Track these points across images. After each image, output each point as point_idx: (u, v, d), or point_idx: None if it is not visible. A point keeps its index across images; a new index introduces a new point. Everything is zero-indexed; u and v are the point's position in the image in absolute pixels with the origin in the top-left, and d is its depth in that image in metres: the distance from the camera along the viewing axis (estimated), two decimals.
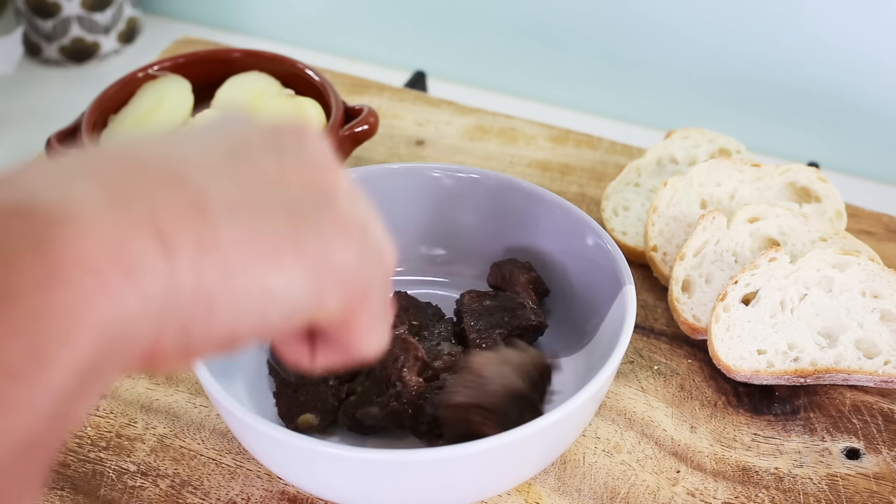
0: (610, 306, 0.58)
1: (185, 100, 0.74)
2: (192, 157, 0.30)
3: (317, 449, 0.48)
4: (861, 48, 0.86)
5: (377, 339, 0.36)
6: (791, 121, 0.91)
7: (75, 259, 0.25)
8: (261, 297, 0.30)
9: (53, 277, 0.25)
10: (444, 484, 0.50)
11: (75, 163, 0.29)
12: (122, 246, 0.27)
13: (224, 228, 0.29)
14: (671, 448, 0.58)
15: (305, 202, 0.32)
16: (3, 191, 0.26)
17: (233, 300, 0.29)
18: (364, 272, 0.33)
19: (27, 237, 0.25)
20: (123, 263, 0.26)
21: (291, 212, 0.31)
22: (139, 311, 0.27)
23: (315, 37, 1.04)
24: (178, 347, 0.29)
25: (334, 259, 0.32)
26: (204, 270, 0.28)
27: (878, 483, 0.57)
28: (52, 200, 0.26)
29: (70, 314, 0.25)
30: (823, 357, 0.61)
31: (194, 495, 0.56)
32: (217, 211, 0.29)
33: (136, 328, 0.27)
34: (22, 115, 0.93)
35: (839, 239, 0.67)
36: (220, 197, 0.29)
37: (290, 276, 0.30)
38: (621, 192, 0.73)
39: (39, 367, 0.25)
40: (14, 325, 0.24)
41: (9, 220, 0.25)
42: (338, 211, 0.32)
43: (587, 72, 0.97)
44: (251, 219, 0.30)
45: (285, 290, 0.31)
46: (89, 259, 0.26)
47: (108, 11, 0.98)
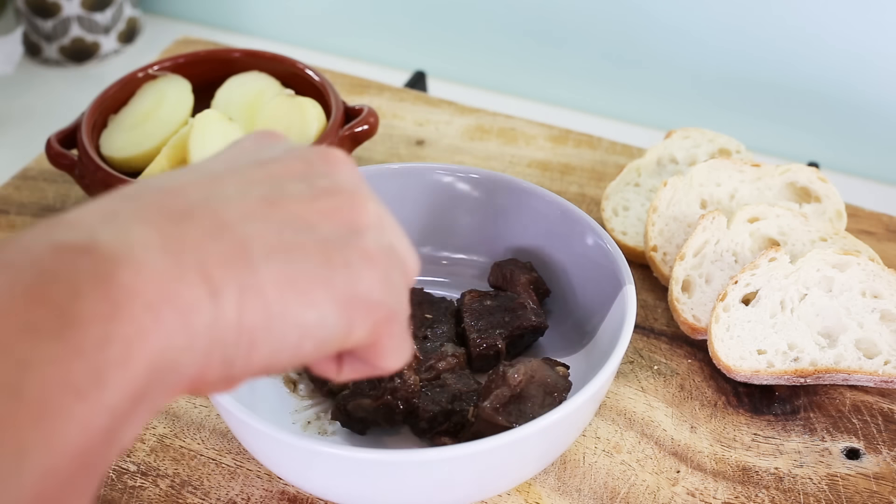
0: (610, 306, 0.58)
1: (185, 100, 0.74)
2: (232, 200, 0.34)
3: (317, 449, 0.48)
4: (861, 48, 0.86)
5: (401, 355, 0.39)
6: (791, 121, 0.91)
7: (134, 295, 0.29)
8: (297, 332, 0.33)
9: (115, 310, 0.28)
10: (444, 484, 0.50)
11: (128, 207, 0.32)
12: (174, 287, 0.30)
13: (264, 272, 0.33)
14: (671, 448, 0.58)
15: (335, 238, 0.35)
16: (68, 231, 0.30)
17: (272, 336, 0.33)
18: (389, 299, 0.36)
19: (92, 273, 0.29)
20: (175, 302, 0.30)
21: (323, 249, 0.35)
22: (187, 344, 0.30)
23: (315, 37, 1.04)
24: (221, 377, 0.33)
25: (362, 291, 0.35)
26: (246, 310, 0.32)
27: (878, 483, 0.57)
28: (112, 243, 0.30)
29: (128, 343, 0.28)
30: (823, 357, 0.61)
31: (194, 495, 0.56)
32: (257, 256, 0.33)
33: (183, 360, 0.30)
34: (22, 115, 0.93)
35: (839, 239, 0.67)
36: (259, 242, 0.33)
37: (323, 311, 0.34)
38: (621, 192, 0.73)
39: (99, 387, 0.28)
40: (80, 348, 0.27)
41: (75, 257, 0.29)
42: (365, 243, 0.36)
43: (587, 72, 0.97)
44: (289, 261, 0.33)
45: (319, 324, 0.34)
46: (146, 296, 0.29)
47: (108, 11, 0.98)
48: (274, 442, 0.49)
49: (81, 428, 0.27)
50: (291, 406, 0.60)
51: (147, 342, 0.29)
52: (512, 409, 0.54)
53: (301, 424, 0.59)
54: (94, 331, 0.28)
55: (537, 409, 0.54)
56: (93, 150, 0.69)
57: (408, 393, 0.56)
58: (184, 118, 0.73)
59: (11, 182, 0.79)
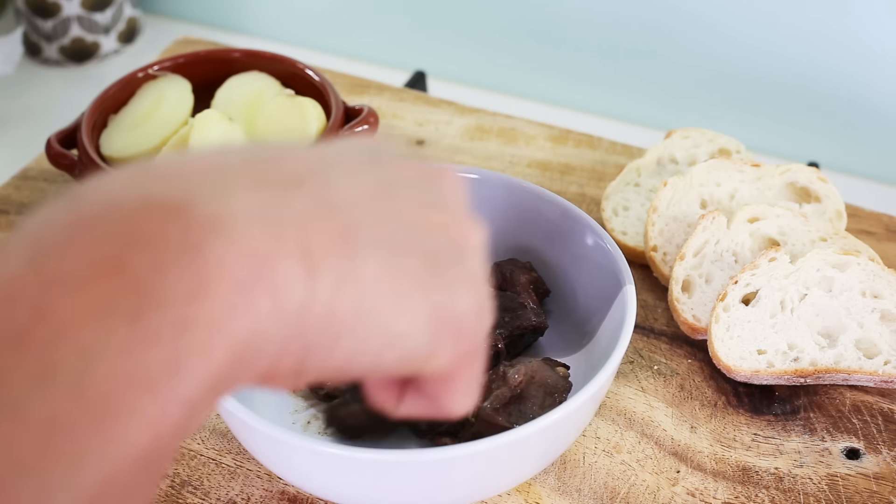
0: (610, 306, 0.58)
1: (185, 100, 0.74)
2: (346, 182, 0.31)
3: (317, 449, 0.48)
4: (861, 48, 0.86)
5: (471, 398, 0.36)
6: (791, 121, 0.91)
7: (224, 272, 0.26)
8: (384, 337, 0.31)
9: (200, 289, 0.25)
10: (444, 484, 0.50)
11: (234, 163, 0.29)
12: (270, 263, 0.27)
13: (367, 263, 0.30)
14: (671, 448, 0.58)
15: (443, 253, 0.33)
16: (164, 185, 0.27)
17: (358, 334, 0.30)
18: (479, 330, 0.34)
19: (181, 242, 0.26)
20: (269, 282, 0.27)
21: (429, 260, 0.32)
22: (274, 328, 0.27)
23: (315, 37, 1.04)
24: (294, 369, 0.30)
25: (458, 312, 0.33)
26: (340, 300, 0.29)
27: (878, 483, 0.57)
28: (208, 206, 0.27)
29: (210, 328, 0.26)
30: (823, 357, 0.61)
31: (194, 495, 0.56)
32: (363, 245, 0.30)
33: (267, 345, 0.28)
34: (22, 115, 0.93)
35: (839, 239, 0.67)
36: (367, 232, 0.30)
37: (416, 321, 0.31)
38: (621, 192, 0.73)
39: (174, 379, 0.25)
40: (156, 334, 0.25)
41: (165, 220, 0.26)
42: (469, 267, 0.33)
43: (587, 72, 0.97)
44: (393, 259, 0.31)
45: (408, 334, 0.31)
46: (237, 274, 0.26)
47: (108, 11, 0.98)
48: (274, 442, 0.49)
49: (149, 427, 0.24)
50: (291, 406, 0.60)
51: (231, 326, 0.26)
52: (512, 410, 0.54)
53: (301, 424, 0.59)
54: (174, 313, 0.25)
55: (537, 410, 0.54)
56: (93, 150, 0.69)
57: None
58: (184, 118, 0.73)
59: (11, 182, 0.79)
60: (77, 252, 0.25)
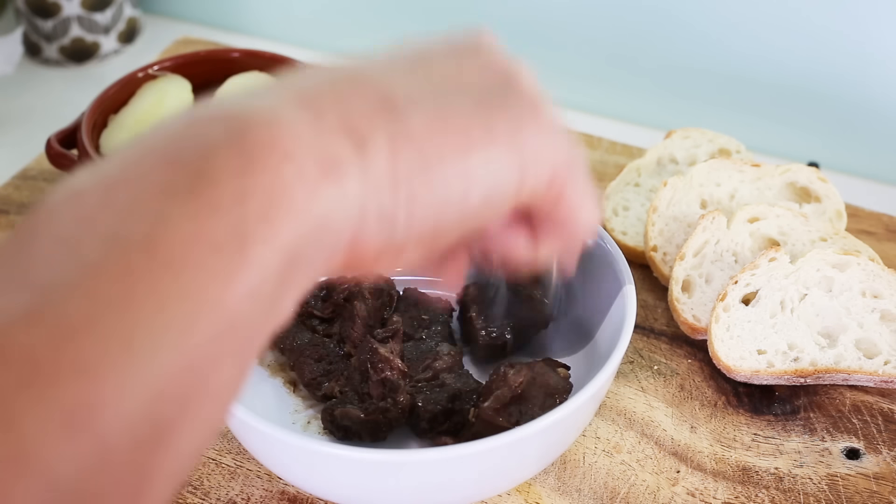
0: (610, 306, 0.58)
1: (185, 100, 0.74)
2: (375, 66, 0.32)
3: (317, 449, 0.48)
4: (861, 48, 0.86)
5: (592, 210, 0.36)
6: (791, 121, 0.91)
7: (272, 149, 0.27)
8: (459, 180, 0.30)
9: (251, 165, 0.26)
10: (444, 484, 0.50)
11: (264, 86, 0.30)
12: (317, 142, 0.28)
13: (413, 118, 0.30)
14: (671, 448, 0.58)
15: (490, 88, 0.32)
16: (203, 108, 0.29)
17: (431, 186, 0.30)
18: (562, 145, 0.33)
19: (225, 133, 0.27)
20: (319, 156, 0.27)
21: (477, 97, 0.32)
22: (338, 201, 0.28)
23: (315, 37, 1.04)
24: (382, 241, 0.30)
25: (528, 134, 0.32)
26: (399, 160, 0.29)
27: (878, 483, 0.57)
28: (246, 107, 0.28)
29: (270, 197, 0.26)
30: (823, 357, 0.61)
31: (194, 495, 0.56)
32: (404, 104, 0.30)
33: (336, 218, 0.28)
34: (22, 115, 0.93)
35: (839, 239, 0.67)
36: (404, 93, 0.30)
37: (487, 155, 0.31)
38: (621, 192, 0.73)
39: (242, 242, 0.26)
40: (215, 204, 0.25)
41: (207, 123, 0.27)
42: (524, 89, 0.33)
43: (587, 72, 0.97)
44: (438, 107, 0.30)
45: (483, 169, 0.31)
46: (286, 150, 0.27)
47: (108, 11, 0.98)
48: (274, 442, 0.49)
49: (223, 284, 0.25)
50: (291, 406, 0.60)
51: (290, 195, 0.27)
52: (512, 411, 0.54)
53: (301, 424, 0.59)
54: (229, 186, 0.26)
55: (537, 411, 0.54)
56: (93, 150, 0.69)
57: (398, 414, 0.56)
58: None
59: (11, 182, 0.79)
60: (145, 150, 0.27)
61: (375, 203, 0.29)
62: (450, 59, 0.33)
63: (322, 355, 0.60)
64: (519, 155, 0.32)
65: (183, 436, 0.25)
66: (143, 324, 0.24)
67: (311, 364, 0.59)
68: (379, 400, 0.56)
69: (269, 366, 0.61)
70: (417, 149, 0.30)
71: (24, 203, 0.77)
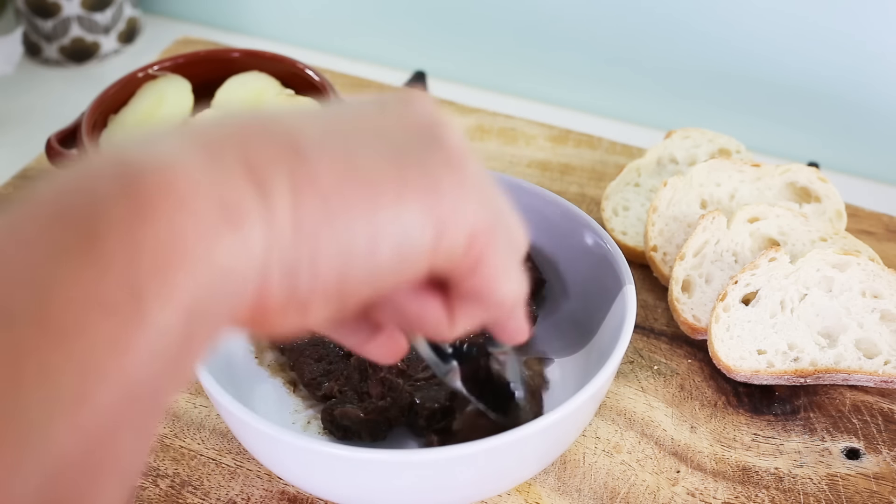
0: (610, 306, 0.58)
1: (185, 100, 0.74)
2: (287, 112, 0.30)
3: (317, 449, 0.48)
4: (861, 48, 0.86)
5: (515, 278, 0.33)
6: (791, 121, 0.91)
7: (165, 196, 0.25)
8: (367, 233, 0.28)
9: (143, 214, 0.24)
10: (444, 484, 0.50)
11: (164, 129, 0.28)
12: (215, 188, 0.26)
13: (319, 165, 0.28)
14: (671, 448, 0.58)
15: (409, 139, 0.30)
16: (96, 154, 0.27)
17: (336, 238, 0.28)
18: (484, 208, 0.31)
19: (117, 181, 0.25)
20: (218, 204, 0.26)
21: (393, 147, 0.29)
22: (239, 249, 0.26)
23: (315, 37, 1.04)
24: (286, 297, 0.28)
25: (447, 191, 0.30)
26: (303, 208, 0.27)
27: (878, 483, 0.57)
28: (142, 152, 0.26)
29: (164, 248, 0.24)
30: (823, 357, 0.61)
31: (194, 495, 0.56)
32: (311, 148, 0.28)
33: (238, 269, 0.26)
34: (22, 115, 0.93)
35: (839, 239, 0.67)
36: (312, 139, 0.28)
37: (399, 209, 0.29)
38: (621, 192, 0.73)
39: (137, 302, 0.24)
40: (105, 261, 0.24)
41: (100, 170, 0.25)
42: (447, 148, 0.30)
43: (587, 72, 0.97)
44: (349, 153, 0.28)
45: (393, 224, 0.29)
46: (180, 196, 0.25)
47: (108, 11, 0.98)
48: (274, 442, 0.49)
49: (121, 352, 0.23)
50: (291, 406, 0.60)
51: (185, 245, 0.25)
52: None
53: (301, 424, 0.59)
54: (120, 239, 0.24)
55: None
56: (93, 150, 0.69)
57: (398, 413, 0.56)
58: (184, 118, 0.73)
59: (11, 182, 0.79)
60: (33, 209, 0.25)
61: (278, 253, 0.27)
62: (370, 109, 0.31)
63: (322, 355, 0.60)
64: (434, 212, 0.29)
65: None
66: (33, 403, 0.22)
67: (310, 364, 0.60)
68: (378, 399, 0.56)
69: (269, 366, 0.61)
70: (323, 196, 0.28)
71: None
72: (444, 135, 0.31)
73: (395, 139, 0.30)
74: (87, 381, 0.23)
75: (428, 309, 0.34)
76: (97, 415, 0.23)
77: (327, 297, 0.29)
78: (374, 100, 0.32)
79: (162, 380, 0.25)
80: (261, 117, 0.29)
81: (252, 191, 0.27)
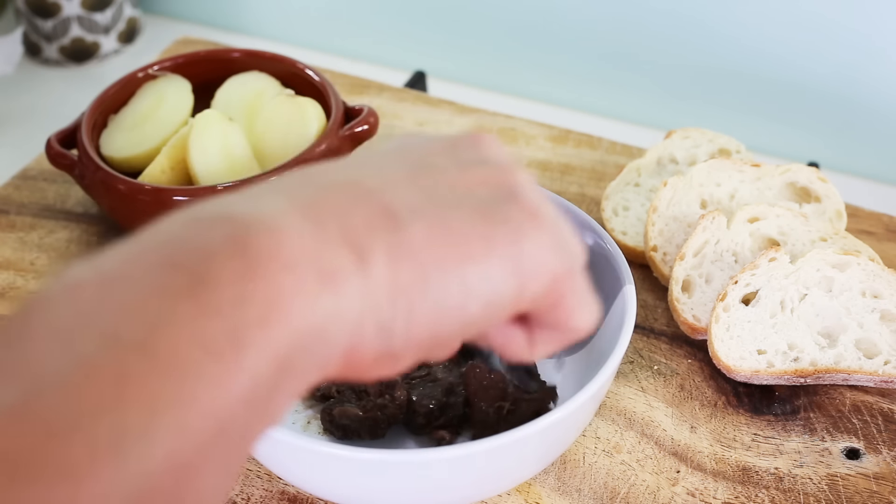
0: (610, 306, 0.58)
1: (185, 100, 0.74)
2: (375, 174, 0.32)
3: (317, 449, 0.48)
4: (862, 48, 0.86)
5: (590, 311, 0.36)
6: (791, 121, 0.91)
7: (271, 257, 0.27)
8: (459, 292, 0.31)
9: (252, 272, 0.27)
10: (444, 484, 0.50)
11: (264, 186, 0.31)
12: (317, 253, 0.28)
13: (413, 230, 0.30)
14: (671, 448, 0.58)
15: (491, 199, 0.33)
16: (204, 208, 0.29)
17: (430, 297, 0.30)
18: (562, 253, 0.34)
19: (226, 238, 0.27)
20: (317, 265, 0.28)
21: (478, 208, 0.32)
22: (334, 312, 0.28)
23: (315, 37, 1.04)
24: (380, 351, 0.30)
25: (529, 244, 0.33)
26: (398, 271, 0.30)
27: (878, 483, 0.57)
28: (248, 211, 0.28)
29: (267, 303, 0.27)
30: (823, 357, 0.61)
31: None
32: (404, 215, 0.31)
33: (332, 329, 0.28)
34: (22, 115, 0.93)
35: (839, 239, 0.67)
36: (405, 203, 0.31)
37: (486, 266, 0.31)
38: (621, 192, 0.73)
39: (237, 348, 0.26)
40: (215, 307, 0.26)
41: (209, 226, 0.28)
42: (524, 201, 0.33)
43: (587, 72, 0.97)
44: (439, 218, 0.31)
45: (483, 281, 0.31)
46: (286, 260, 0.27)
47: (108, 11, 0.98)
48: (274, 442, 0.49)
49: (217, 389, 0.25)
50: (291, 406, 0.60)
51: (287, 304, 0.27)
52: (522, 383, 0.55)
53: (301, 424, 0.59)
54: (229, 290, 0.26)
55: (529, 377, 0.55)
56: (93, 150, 0.69)
57: (396, 410, 0.56)
58: (184, 118, 0.73)
59: (11, 182, 0.79)
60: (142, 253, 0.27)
61: (373, 314, 0.29)
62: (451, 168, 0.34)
63: None
64: (518, 266, 0.32)
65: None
66: (132, 427, 0.24)
67: None
68: (376, 397, 0.56)
69: None
70: (416, 261, 0.30)
71: (23, 203, 0.77)
72: (519, 188, 0.34)
73: (477, 197, 0.33)
74: (184, 411, 0.25)
75: (512, 338, 0.37)
76: (189, 443, 0.25)
77: (419, 349, 0.31)
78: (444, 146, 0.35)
79: (250, 420, 0.27)
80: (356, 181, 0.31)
81: (350, 257, 0.29)
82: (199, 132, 0.68)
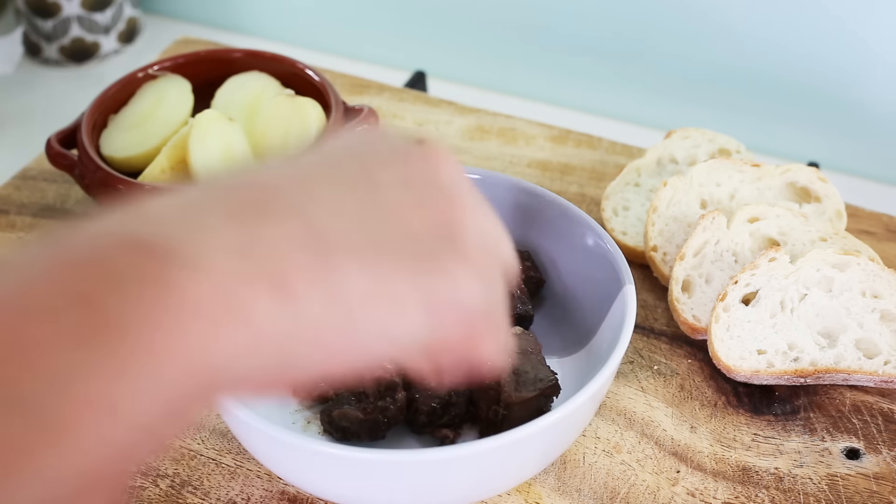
0: (610, 306, 0.58)
1: (185, 100, 0.74)
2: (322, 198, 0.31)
3: (317, 449, 0.48)
4: (861, 48, 0.86)
5: (501, 348, 0.37)
6: (791, 121, 0.91)
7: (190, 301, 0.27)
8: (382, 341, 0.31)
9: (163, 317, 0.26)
10: (445, 484, 0.50)
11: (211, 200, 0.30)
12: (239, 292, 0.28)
13: (350, 276, 0.30)
14: (671, 448, 0.58)
15: (427, 240, 0.33)
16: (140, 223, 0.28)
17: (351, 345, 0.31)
18: (486, 294, 0.34)
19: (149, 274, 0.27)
20: (237, 309, 0.27)
21: (412, 251, 0.32)
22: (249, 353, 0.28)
23: (315, 37, 1.04)
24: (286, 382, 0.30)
25: (459, 296, 0.33)
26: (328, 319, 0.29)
27: (878, 483, 0.57)
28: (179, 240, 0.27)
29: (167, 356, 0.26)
30: (823, 357, 0.61)
31: (194, 495, 0.56)
32: (343, 258, 0.30)
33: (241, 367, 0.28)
34: (22, 115, 0.93)
35: (839, 239, 0.67)
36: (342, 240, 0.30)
37: (411, 318, 0.32)
38: (621, 192, 0.73)
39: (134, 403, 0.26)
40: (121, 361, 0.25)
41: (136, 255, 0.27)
42: (463, 245, 0.34)
43: (587, 72, 0.97)
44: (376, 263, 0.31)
45: (408, 332, 0.32)
46: (201, 303, 0.27)
47: (108, 11, 0.98)
48: (274, 442, 0.49)
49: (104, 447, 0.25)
50: (291, 406, 0.60)
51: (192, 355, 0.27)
52: (521, 381, 0.54)
53: (301, 424, 0.59)
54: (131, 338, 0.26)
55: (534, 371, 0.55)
56: (93, 150, 0.69)
57: (397, 412, 0.56)
58: (184, 118, 0.73)
59: (11, 182, 0.79)
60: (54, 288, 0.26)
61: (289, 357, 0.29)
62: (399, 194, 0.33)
63: None
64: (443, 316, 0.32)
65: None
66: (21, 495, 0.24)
67: None
68: (376, 399, 0.56)
69: None
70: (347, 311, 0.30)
71: (24, 203, 0.77)
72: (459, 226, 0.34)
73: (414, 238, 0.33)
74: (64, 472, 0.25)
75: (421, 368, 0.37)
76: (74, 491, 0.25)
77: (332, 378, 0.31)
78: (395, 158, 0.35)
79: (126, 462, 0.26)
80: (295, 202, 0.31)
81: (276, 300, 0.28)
82: (199, 132, 0.68)
